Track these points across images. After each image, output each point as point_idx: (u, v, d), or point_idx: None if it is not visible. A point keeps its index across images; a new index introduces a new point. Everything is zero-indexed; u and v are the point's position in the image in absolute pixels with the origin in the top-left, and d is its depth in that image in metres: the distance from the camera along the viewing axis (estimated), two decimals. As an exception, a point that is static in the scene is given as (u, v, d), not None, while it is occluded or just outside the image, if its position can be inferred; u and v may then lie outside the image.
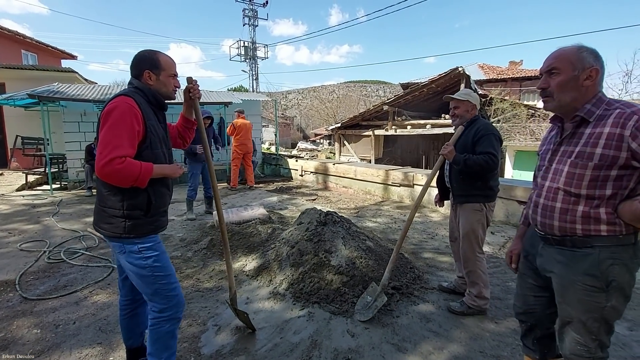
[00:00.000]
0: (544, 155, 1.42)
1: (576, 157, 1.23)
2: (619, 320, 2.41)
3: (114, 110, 1.47)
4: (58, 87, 8.02)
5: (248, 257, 3.48)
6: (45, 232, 4.53)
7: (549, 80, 1.29)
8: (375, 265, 2.91)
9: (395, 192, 6.50)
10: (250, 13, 29.04)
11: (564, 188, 1.26)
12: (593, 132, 1.21)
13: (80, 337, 2.25)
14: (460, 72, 10.29)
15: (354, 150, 15.08)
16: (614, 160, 1.15)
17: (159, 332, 1.65)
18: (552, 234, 1.32)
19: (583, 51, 1.24)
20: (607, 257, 1.20)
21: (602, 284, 1.21)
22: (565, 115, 1.32)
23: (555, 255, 1.32)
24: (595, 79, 1.24)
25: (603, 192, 1.19)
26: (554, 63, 1.27)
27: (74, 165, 8.13)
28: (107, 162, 1.41)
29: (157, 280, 1.62)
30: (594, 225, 1.22)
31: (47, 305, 2.65)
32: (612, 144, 1.15)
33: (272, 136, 29.34)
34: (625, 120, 1.13)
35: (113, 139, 1.44)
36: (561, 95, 1.27)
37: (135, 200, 1.55)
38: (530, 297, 1.49)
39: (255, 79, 30.17)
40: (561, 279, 1.29)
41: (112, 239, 1.59)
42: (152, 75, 1.64)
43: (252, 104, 10.26)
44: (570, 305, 1.28)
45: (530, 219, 1.44)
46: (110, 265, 3.38)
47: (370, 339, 2.20)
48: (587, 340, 1.26)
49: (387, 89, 65.18)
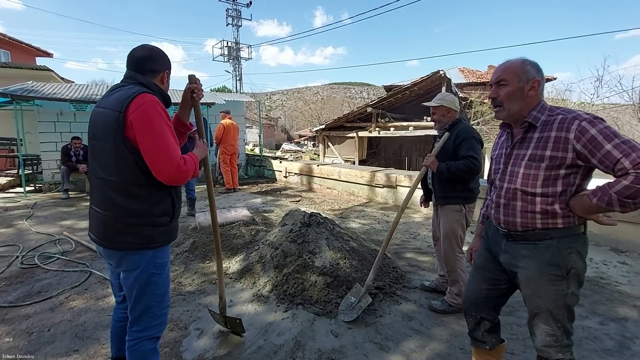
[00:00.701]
0: (498, 159, 1.54)
1: (529, 160, 1.35)
2: (591, 315, 2.52)
3: (152, 112, 1.36)
4: (33, 86, 7.73)
5: (231, 260, 3.44)
6: (18, 237, 4.35)
7: (498, 90, 1.42)
8: (359, 266, 2.93)
9: (379, 194, 6.57)
10: (234, 13, 28.86)
11: (521, 188, 1.38)
12: (541, 136, 1.33)
13: (56, 344, 2.17)
14: (442, 75, 10.49)
15: (338, 152, 15.15)
16: (562, 161, 1.28)
17: (142, 351, 1.52)
18: (515, 230, 1.42)
19: (527, 64, 1.38)
20: (565, 246, 1.33)
21: (563, 272, 1.32)
22: (514, 122, 1.45)
23: (520, 251, 1.42)
24: (538, 89, 1.37)
25: (555, 189, 1.31)
26: (502, 75, 1.40)
27: (49, 167, 7.85)
28: (176, 168, 1.37)
29: (153, 299, 1.51)
30: (551, 220, 1.34)
31: (20, 313, 2.55)
32: (560, 147, 1.27)
33: (256, 137, 29.14)
34: (568, 125, 1.26)
35: (169, 141, 1.38)
36: (510, 104, 1.40)
37: (161, 206, 1.47)
38: (484, 290, 1.61)
39: (239, 80, 29.95)
40: (529, 272, 1.39)
41: (131, 253, 1.46)
42: (167, 77, 1.59)
43: (235, 105, 10.17)
44: (540, 296, 1.37)
45: (493, 218, 1.54)
46: (88, 270, 3.28)
47: (354, 339, 2.22)
48: (554, 329, 1.36)
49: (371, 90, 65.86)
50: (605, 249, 3.83)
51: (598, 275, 3.19)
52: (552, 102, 15.03)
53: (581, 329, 2.34)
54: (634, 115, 14.68)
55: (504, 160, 1.48)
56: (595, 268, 3.34)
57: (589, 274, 3.20)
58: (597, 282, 3.04)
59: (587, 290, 2.89)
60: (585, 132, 1.22)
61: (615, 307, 2.60)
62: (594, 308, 2.61)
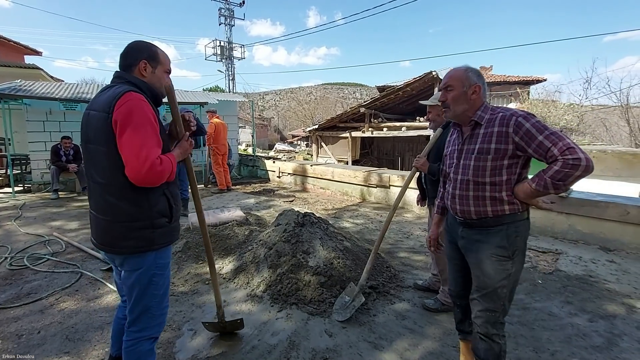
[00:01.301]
0: (451, 155, 1.70)
1: (478, 153, 1.53)
2: (580, 312, 2.57)
3: (135, 109, 1.33)
4: (21, 84, 7.60)
5: (225, 260, 3.43)
6: (6, 238, 4.27)
7: (446, 94, 1.60)
8: (352, 265, 2.94)
9: (372, 193, 6.60)
10: (227, 12, 28.68)
11: (472, 179, 1.55)
12: (486, 132, 1.51)
13: (46, 346, 2.14)
14: (434, 76, 10.56)
15: (332, 152, 15.16)
16: (504, 152, 1.46)
17: (139, 351, 1.51)
18: (470, 218, 1.59)
19: (469, 71, 1.57)
20: (512, 231, 1.51)
21: (509, 253, 1.51)
22: (462, 122, 1.64)
23: (474, 236, 1.59)
24: (479, 93, 1.56)
25: (501, 178, 1.49)
26: (449, 81, 1.59)
27: (38, 167, 7.72)
28: (149, 167, 1.30)
29: (153, 299, 1.51)
30: (499, 207, 1.51)
31: (9, 315, 2.50)
32: (502, 140, 1.46)
33: (249, 137, 29.02)
34: (507, 120, 1.45)
35: (146, 140, 1.32)
36: (455, 106, 1.59)
37: (158, 206, 1.45)
38: (460, 278, 1.77)
39: (232, 80, 29.78)
40: (480, 254, 1.56)
41: (134, 256, 1.45)
42: (148, 67, 1.50)
43: (228, 105, 10.11)
44: (487, 276, 1.54)
45: (450, 208, 1.70)
46: (79, 271, 3.24)
47: (348, 338, 2.23)
48: (496, 307, 1.54)
49: (364, 91, 66.06)
50: (594, 247, 3.90)
51: (587, 273, 3.24)
52: (542, 103, 15.24)
53: (570, 326, 2.38)
54: (622, 116, 14.98)
55: (457, 155, 1.64)
56: (584, 266, 3.40)
57: (578, 272, 3.26)
58: (586, 280, 3.10)
59: (576, 288, 2.95)
60: (521, 126, 1.41)
61: (604, 305, 2.65)
62: (583, 305, 2.65)
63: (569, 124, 14.00)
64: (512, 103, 15.64)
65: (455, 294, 1.82)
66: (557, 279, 3.14)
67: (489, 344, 1.56)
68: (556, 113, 14.22)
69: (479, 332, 1.59)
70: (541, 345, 2.16)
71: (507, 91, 16.13)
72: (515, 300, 2.71)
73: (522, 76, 17.73)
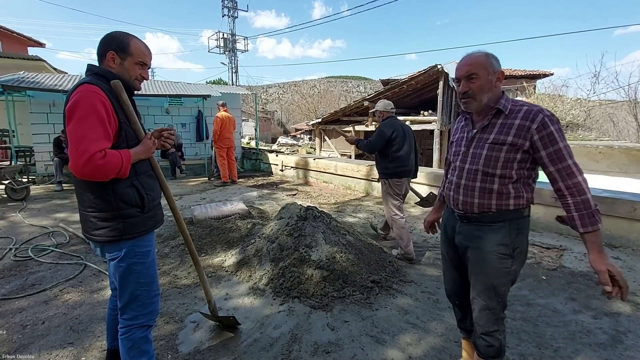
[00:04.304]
0: (459, 142, 1.63)
1: (492, 143, 1.45)
2: (584, 309, 2.55)
3: (80, 101, 1.30)
4: (24, 76, 7.60)
5: (227, 253, 3.43)
6: (11, 229, 4.30)
7: (469, 84, 1.48)
8: (355, 260, 2.93)
9: (376, 187, 6.56)
10: (230, 4, 28.40)
11: (482, 169, 1.48)
12: (505, 122, 1.44)
13: (50, 337, 2.16)
14: (439, 69, 10.44)
15: (335, 146, 15.10)
16: (520, 147, 1.40)
17: (132, 338, 1.53)
18: (472, 211, 1.52)
19: (491, 57, 1.48)
20: (514, 228, 1.46)
21: (510, 251, 1.45)
22: (482, 112, 1.53)
23: (473, 232, 1.53)
24: (502, 80, 1.48)
25: (511, 172, 1.43)
26: (472, 69, 1.46)
27: (42, 159, 7.76)
28: (87, 160, 1.26)
29: (139, 287, 1.51)
30: (505, 201, 1.46)
31: (14, 306, 2.53)
32: (521, 134, 1.39)
33: (252, 130, 28.99)
34: (533, 116, 1.38)
35: (88, 132, 1.28)
36: (481, 96, 1.47)
37: (127, 197, 1.43)
38: (457, 278, 1.71)
39: (235, 72, 29.62)
40: (480, 251, 1.50)
41: (108, 245, 1.46)
42: (116, 58, 1.46)
43: (231, 98, 10.07)
44: (487, 274, 1.49)
45: (452, 198, 1.61)
46: (82, 263, 3.25)
47: (350, 332, 2.23)
48: (495, 304, 1.51)
49: (368, 85, 65.60)
50: (599, 244, 3.86)
51: (592, 270, 3.20)
52: (548, 97, 15.06)
53: (574, 322, 2.36)
54: (630, 111, 14.78)
55: (466, 142, 1.57)
56: (589, 263, 3.36)
57: (582, 269, 3.23)
58: (591, 276, 3.07)
59: (581, 284, 2.92)
60: (546, 126, 1.35)
61: (609, 302, 2.63)
62: (587, 302, 2.63)
63: (576, 119, 13.84)
64: (518, 97, 15.47)
65: (452, 293, 1.78)
66: (561, 275, 3.12)
67: (490, 342, 1.55)
68: (563, 108, 14.05)
69: (480, 332, 1.57)
70: (544, 342, 2.15)
71: (514, 85, 15.93)
72: (519, 296, 2.70)
73: (529, 70, 17.47)
